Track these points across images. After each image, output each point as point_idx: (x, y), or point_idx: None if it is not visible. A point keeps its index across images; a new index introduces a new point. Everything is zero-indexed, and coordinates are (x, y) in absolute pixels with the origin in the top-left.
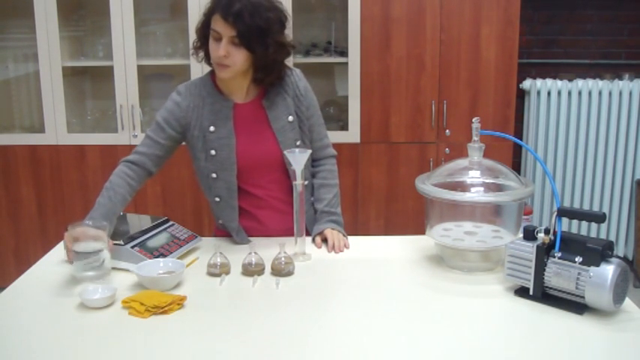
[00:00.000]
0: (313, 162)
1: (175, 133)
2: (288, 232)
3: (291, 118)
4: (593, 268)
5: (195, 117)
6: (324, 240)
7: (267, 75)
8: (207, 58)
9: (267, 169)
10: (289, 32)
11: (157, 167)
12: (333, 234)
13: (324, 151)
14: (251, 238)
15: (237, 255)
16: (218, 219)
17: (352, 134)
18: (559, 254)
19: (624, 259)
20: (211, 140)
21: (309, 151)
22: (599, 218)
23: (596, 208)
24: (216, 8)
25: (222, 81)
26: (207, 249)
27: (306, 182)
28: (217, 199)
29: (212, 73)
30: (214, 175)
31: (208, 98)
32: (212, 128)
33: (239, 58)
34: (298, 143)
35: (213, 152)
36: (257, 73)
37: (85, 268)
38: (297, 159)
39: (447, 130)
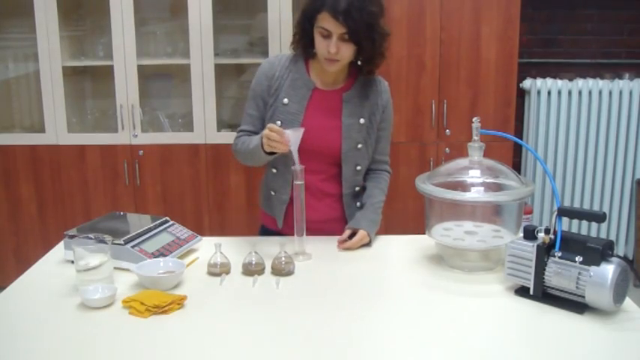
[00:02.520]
0: (368, 170)
1: (267, 103)
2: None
3: (362, 120)
4: (593, 268)
5: (276, 86)
6: (352, 234)
7: (373, 66)
8: (304, 52)
9: (323, 158)
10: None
11: None
12: (362, 237)
13: (380, 165)
14: (253, 237)
15: (237, 255)
16: (271, 190)
17: None
18: (559, 254)
19: (624, 258)
20: (281, 112)
21: (302, 130)
22: (599, 218)
23: (596, 208)
24: (324, 6)
25: (316, 67)
26: (208, 249)
27: (357, 188)
28: (274, 170)
29: (306, 58)
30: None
31: (294, 74)
32: (285, 100)
33: (348, 52)
34: (360, 146)
35: (278, 123)
36: (362, 64)
37: (89, 283)
38: (293, 137)
39: (447, 130)
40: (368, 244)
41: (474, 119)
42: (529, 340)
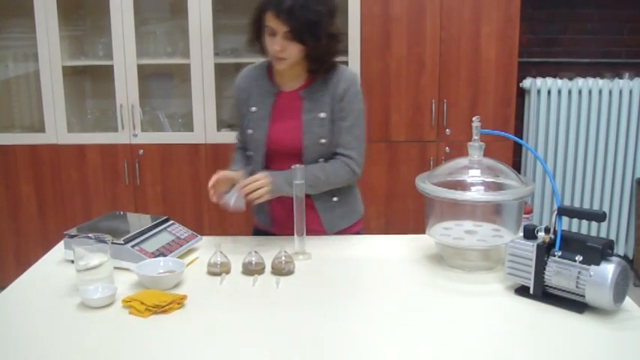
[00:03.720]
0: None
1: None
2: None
3: (322, 114)
4: (593, 267)
5: (245, 97)
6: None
7: (321, 65)
8: (262, 50)
9: (290, 158)
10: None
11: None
12: (258, 177)
13: (339, 157)
14: (253, 237)
15: (237, 254)
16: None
17: None
18: (559, 253)
19: (624, 257)
20: (250, 120)
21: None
22: (599, 217)
23: (596, 207)
24: (268, 5)
25: (277, 69)
26: (208, 248)
27: None
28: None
29: (269, 60)
30: (250, 153)
31: (259, 81)
32: (253, 109)
33: (294, 51)
34: (323, 141)
35: (250, 131)
36: (311, 63)
37: (89, 282)
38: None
39: (447, 129)
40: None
41: (473, 118)
42: (529, 340)
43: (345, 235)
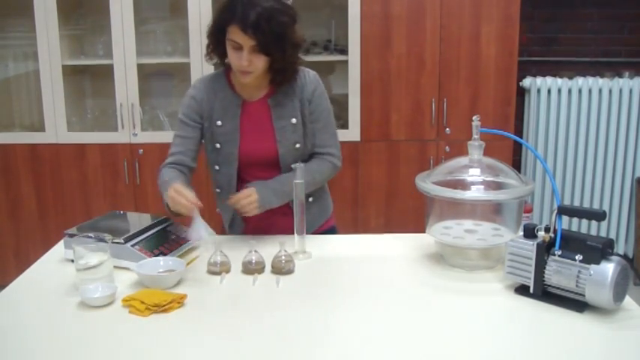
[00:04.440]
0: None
1: (199, 125)
2: (286, 228)
3: (294, 120)
4: (593, 266)
5: (207, 110)
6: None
7: (284, 74)
8: (221, 61)
9: (266, 167)
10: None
11: (195, 161)
12: (247, 194)
13: (322, 156)
14: (248, 236)
15: (237, 253)
16: (217, 208)
17: (352, 132)
18: (559, 252)
19: (624, 257)
20: (217, 134)
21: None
22: (599, 216)
23: (596, 206)
24: (233, 19)
25: (238, 79)
26: (208, 247)
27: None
28: (218, 190)
29: (226, 69)
30: (217, 167)
31: (220, 93)
32: (219, 123)
33: (260, 63)
34: (298, 146)
35: (218, 145)
36: (275, 74)
37: (89, 281)
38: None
39: (447, 128)
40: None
41: (473, 118)
42: (529, 339)
43: (319, 233)
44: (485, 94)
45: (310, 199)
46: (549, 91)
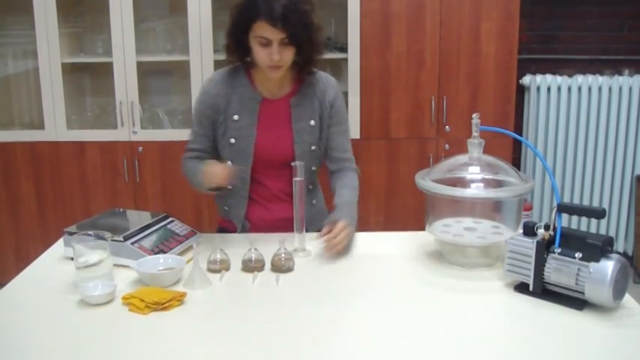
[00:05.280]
0: (333, 173)
1: (213, 121)
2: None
3: (312, 122)
4: (593, 264)
5: (223, 103)
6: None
7: (312, 63)
8: (241, 61)
9: (280, 165)
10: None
11: (215, 151)
12: (344, 229)
13: (344, 164)
14: (251, 234)
15: (237, 251)
16: (224, 206)
17: (352, 130)
18: (559, 250)
19: (624, 254)
20: (233, 129)
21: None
22: (598, 214)
23: (595, 204)
24: (258, 16)
25: (259, 76)
26: (207, 245)
27: (310, 186)
28: (230, 187)
29: (245, 66)
30: (230, 163)
31: (239, 88)
32: (236, 117)
33: (289, 56)
34: (314, 148)
35: (232, 140)
36: (304, 64)
37: (89, 279)
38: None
39: (447, 126)
40: (351, 242)
41: (473, 115)
42: (528, 337)
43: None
44: (485, 91)
45: (314, 202)
46: (549, 89)
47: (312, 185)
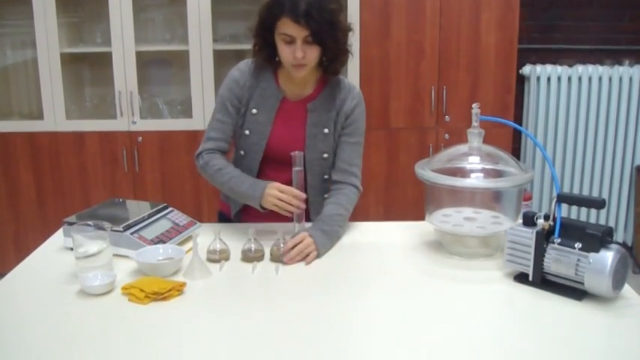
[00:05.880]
0: (333, 184)
1: (237, 109)
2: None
3: (326, 130)
4: (592, 254)
5: (247, 95)
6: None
7: (337, 64)
8: (268, 61)
9: (289, 166)
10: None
11: (229, 145)
12: (306, 240)
13: (346, 177)
14: (250, 224)
15: (236, 241)
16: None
17: None
18: (558, 240)
19: (623, 245)
20: (249, 121)
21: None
22: (598, 204)
23: (595, 194)
24: (282, 12)
25: (283, 75)
26: (207, 235)
27: (325, 195)
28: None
29: (273, 65)
30: (242, 153)
31: (263, 82)
32: (254, 110)
33: (313, 55)
34: (326, 156)
35: (247, 132)
36: (328, 64)
37: (89, 270)
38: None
39: (447, 116)
40: (316, 257)
41: (473, 105)
42: (528, 327)
43: None
44: (485, 81)
45: (325, 196)
46: (549, 79)
47: (326, 194)
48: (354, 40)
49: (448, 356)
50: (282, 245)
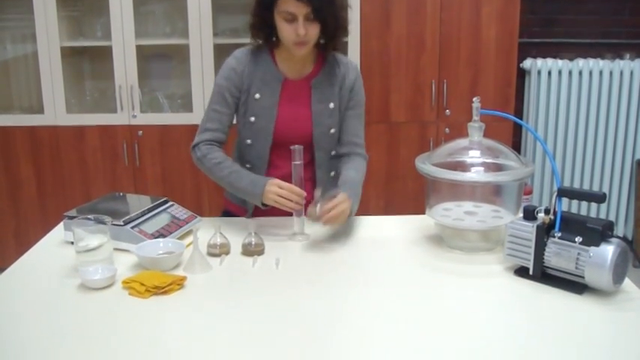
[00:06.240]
0: (341, 157)
1: (236, 99)
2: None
3: (332, 105)
4: (593, 248)
5: (247, 82)
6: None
7: (336, 40)
8: (266, 41)
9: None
10: None
11: (227, 136)
12: (342, 202)
13: (354, 148)
14: (254, 219)
15: (236, 235)
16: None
17: None
18: (559, 234)
19: (624, 239)
20: (253, 107)
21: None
22: (599, 198)
23: (596, 188)
24: None
25: (282, 56)
26: (207, 229)
27: (332, 173)
28: (248, 165)
29: (269, 46)
30: (249, 142)
31: (262, 66)
32: (257, 95)
33: (315, 32)
34: (332, 131)
35: (252, 119)
36: (327, 40)
37: (89, 264)
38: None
39: (447, 110)
40: (348, 217)
41: (474, 99)
42: (528, 321)
43: None
44: (486, 75)
45: (332, 174)
46: (550, 73)
47: (333, 172)
48: (354, 33)
49: (448, 350)
50: (317, 207)
